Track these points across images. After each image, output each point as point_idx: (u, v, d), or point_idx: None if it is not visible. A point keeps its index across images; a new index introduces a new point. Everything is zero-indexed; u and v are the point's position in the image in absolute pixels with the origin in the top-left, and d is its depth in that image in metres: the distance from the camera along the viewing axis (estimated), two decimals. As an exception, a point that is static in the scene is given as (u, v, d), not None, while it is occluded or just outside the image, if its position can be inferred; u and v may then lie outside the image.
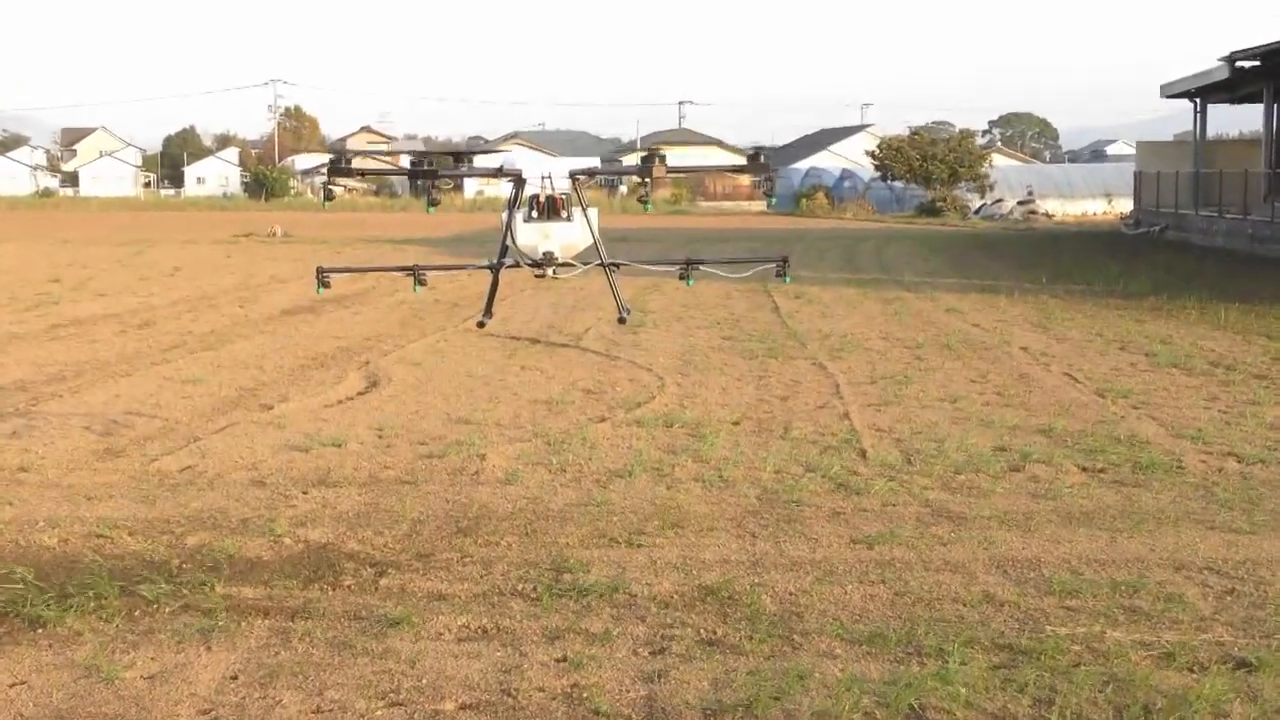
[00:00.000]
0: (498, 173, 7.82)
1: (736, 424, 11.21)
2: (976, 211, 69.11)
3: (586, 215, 7.72)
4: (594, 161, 8.59)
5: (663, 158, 7.28)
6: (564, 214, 7.71)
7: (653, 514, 8.31)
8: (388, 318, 19.62)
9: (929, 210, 69.09)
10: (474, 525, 8.08)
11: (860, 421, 11.28)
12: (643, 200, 8.24)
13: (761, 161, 7.51)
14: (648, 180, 7.40)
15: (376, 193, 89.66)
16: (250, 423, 11.24)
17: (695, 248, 37.94)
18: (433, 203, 7.70)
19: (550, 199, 7.66)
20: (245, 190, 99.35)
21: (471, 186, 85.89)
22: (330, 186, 7.80)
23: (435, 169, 7.47)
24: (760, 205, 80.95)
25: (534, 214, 7.72)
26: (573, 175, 7.79)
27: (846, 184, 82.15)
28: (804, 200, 77.22)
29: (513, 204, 7.72)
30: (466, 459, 9.82)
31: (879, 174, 75.67)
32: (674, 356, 15.37)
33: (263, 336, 17.36)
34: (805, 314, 20.29)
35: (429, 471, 9.48)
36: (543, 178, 7.65)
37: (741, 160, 7.86)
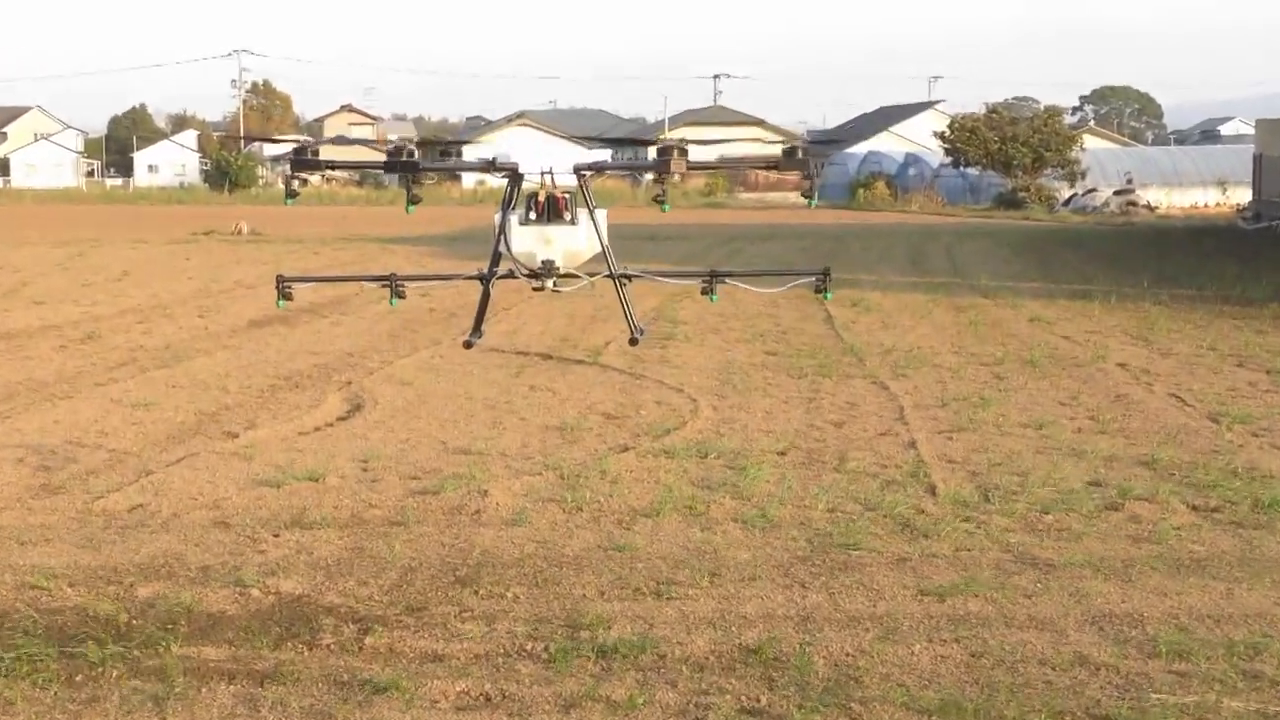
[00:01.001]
0: (489, 167, 7.76)
1: (783, 454, 11.21)
2: (1066, 203, 68.95)
3: (594, 217, 7.70)
4: (605, 155, 8.55)
5: (683, 150, 7.20)
6: (567, 216, 7.68)
7: (685, 560, 8.31)
8: (373, 329, 19.71)
9: (1009, 202, 68.96)
10: (474, 574, 8.10)
11: (929, 451, 11.27)
12: (659, 200, 8.14)
13: (799, 156, 7.43)
14: (665, 177, 7.33)
15: (360, 184, 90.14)
16: (212, 453, 11.30)
17: (734, 247, 38.00)
18: (413, 200, 7.52)
19: (551, 198, 7.62)
20: (205, 180, 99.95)
21: (470, 176, 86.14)
22: (294, 180, 7.71)
23: (416, 161, 7.37)
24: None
25: (532, 215, 7.69)
26: (578, 170, 7.76)
27: (911, 171, 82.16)
28: (861, 191, 77.21)
29: (507, 204, 7.69)
30: (466, 496, 9.85)
31: (950, 159, 75.57)
32: (709, 375, 15.39)
33: (226, 352, 17.46)
34: (863, 324, 20.29)
35: (422, 511, 9.51)
36: (542, 173, 7.63)
37: (777, 151, 7.77)
